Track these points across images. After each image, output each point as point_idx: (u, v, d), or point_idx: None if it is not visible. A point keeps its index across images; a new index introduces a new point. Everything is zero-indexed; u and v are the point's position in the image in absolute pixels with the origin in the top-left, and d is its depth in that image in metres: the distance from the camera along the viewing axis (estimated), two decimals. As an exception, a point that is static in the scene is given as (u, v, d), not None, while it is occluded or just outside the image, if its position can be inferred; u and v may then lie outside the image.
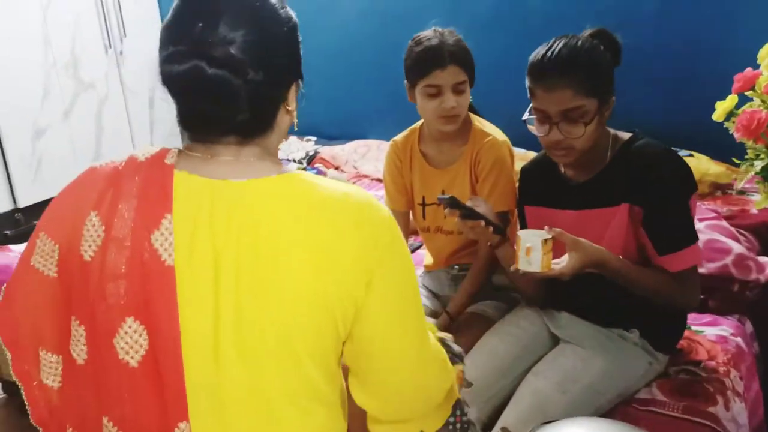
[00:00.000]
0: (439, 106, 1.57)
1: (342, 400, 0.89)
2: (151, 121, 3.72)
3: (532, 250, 1.25)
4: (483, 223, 1.39)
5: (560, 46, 1.34)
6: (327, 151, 3.23)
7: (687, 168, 1.37)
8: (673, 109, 2.41)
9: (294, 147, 3.35)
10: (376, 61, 3.15)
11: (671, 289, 1.35)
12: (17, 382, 0.88)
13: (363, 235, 0.79)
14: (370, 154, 3.15)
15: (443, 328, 1.64)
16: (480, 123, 1.69)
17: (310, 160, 3.27)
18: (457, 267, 1.78)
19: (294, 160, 3.27)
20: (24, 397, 0.87)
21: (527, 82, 1.39)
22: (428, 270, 1.87)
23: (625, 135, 1.43)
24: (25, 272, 0.84)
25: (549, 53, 1.34)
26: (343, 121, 3.40)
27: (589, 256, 1.29)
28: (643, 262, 1.38)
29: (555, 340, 1.54)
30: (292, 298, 0.76)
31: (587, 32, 1.40)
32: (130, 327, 0.75)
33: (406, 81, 1.64)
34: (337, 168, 3.18)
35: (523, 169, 1.61)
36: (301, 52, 0.86)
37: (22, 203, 3.11)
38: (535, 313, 1.59)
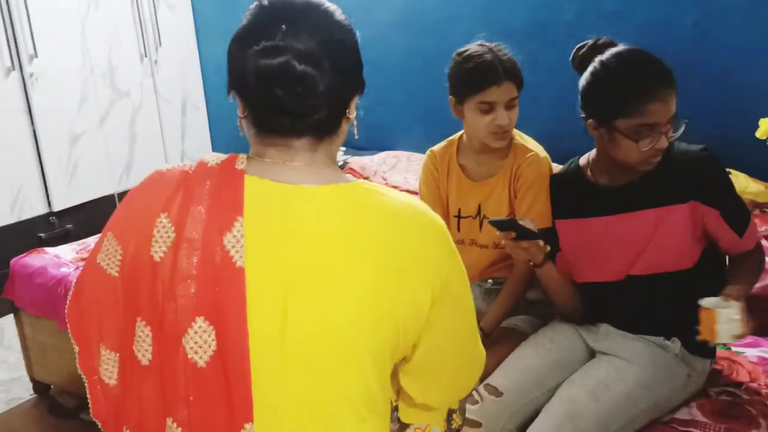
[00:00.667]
0: (492, 122, 1.56)
1: (389, 412, 0.90)
2: (183, 129, 3.78)
3: (740, 323, 1.24)
4: (541, 242, 1.38)
5: (646, 56, 1.37)
6: (356, 161, 3.24)
7: None
8: (711, 126, 2.38)
9: (323, 157, 3.37)
10: (405, 72, 3.17)
11: (760, 263, 1.44)
12: (82, 378, 0.89)
13: (427, 246, 0.82)
14: (400, 165, 3.15)
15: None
16: (521, 138, 1.68)
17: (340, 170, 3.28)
18: (490, 281, 1.77)
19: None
20: (87, 392, 0.89)
21: (619, 102, 1.35)
22: (461, 283, 1.85)
23: None
24: (92, 268, 0.87)
25: (648, 68, 1.36)
26: (373, 132, 3.39)
27: (743, 296, 1.32)
28: (701, 256, 1.42)
29: (590, 356, 1.53)
30: (359, 304, 0.78)
31: (600, 41, 1.46)
32: (200, 327, 0.76)
33: (451, 96, 1.63)
34: (366, 179, 3.19)
35: (550, 183, 1.61)
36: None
37: (57, 207, 3.18)
38: (570, 328, 1.58)
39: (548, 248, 1.40)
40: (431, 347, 0.86)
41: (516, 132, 1.68)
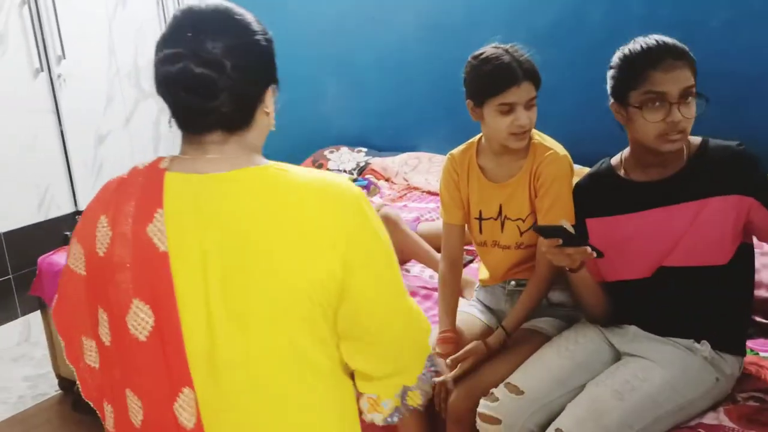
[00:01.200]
0: (512, 123, 1.56)
1: (344, 372, 0.96)
2: (206, 130, 3.82)
3: None
4: (588, 249, 1.36)
5: (660, 38, 1.40)
6: (378, 162, 3.25)
7: None
8: (738, 129, 2.35)
9: (345, 158, 3.39)
10: (427, 74, 3.17)
11: None
12: (73, 370, 1.04)
13: (338, 215, 0.88)
14: (421, 167, 3.15)
15: (500, 344, 1.63)
16: (540, 137, 1.67)
17: (361, 171, 3.29)
18: (513, 282, 1.76)
19: (345, 171, 3.30)
20: (77, 381, 1.03)
21: (628, 73, 1.40)
22: (484, 285, 1.85)
23: (695, 138, 1.48)
24: (66, 272, 1.00)
25: (657, 42, 1.39)
26: (394, 133, 3.42)
27: None
28: (734, 255, 1.41)
29: (615, 359, 1.51)
30: (273, 276, 0.86)
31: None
32: (137, 307, 0.88)
33: (469, 100, 1.62)
34: (387, 180, 3.20)
35: (579, 184, 1.60)
36: (276, 62, 0.97)
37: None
38: (595, 330, 1.56)
39: (594, 255, 1.36)
40: (353, 314, 0.91)
41: (534, 131, 1.67)
